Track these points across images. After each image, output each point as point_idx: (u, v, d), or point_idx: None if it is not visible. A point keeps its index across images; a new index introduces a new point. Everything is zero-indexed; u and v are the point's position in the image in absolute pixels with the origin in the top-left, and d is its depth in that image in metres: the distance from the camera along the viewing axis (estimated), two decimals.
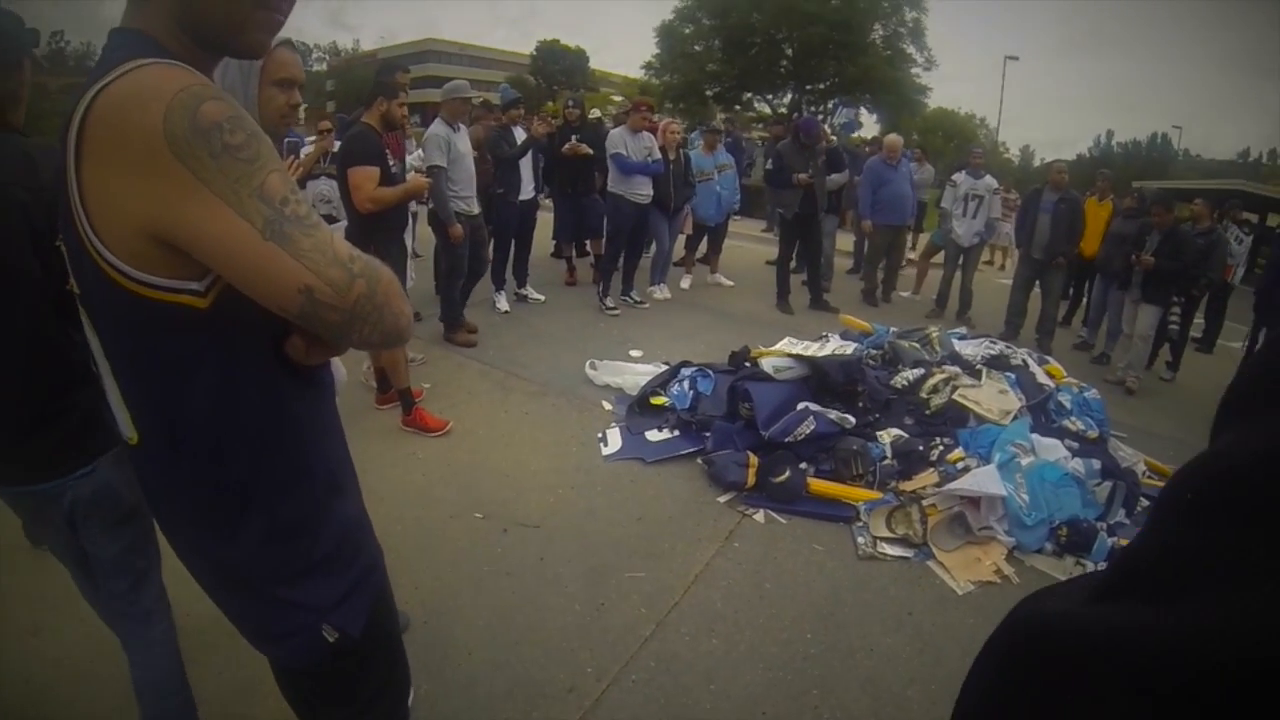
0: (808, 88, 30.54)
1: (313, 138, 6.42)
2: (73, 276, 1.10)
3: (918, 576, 3.66)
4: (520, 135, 6.89)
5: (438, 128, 5.62)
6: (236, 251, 0.97)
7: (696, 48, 31.52)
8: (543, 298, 7.76)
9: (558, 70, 57.02)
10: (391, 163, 4.38)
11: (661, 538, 3.73)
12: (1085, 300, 9.30)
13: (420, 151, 5.85)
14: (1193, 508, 0.49)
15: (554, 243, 9.18)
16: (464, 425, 4.77)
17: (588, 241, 8.67)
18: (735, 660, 2.94)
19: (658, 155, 7.36)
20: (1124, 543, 3.92)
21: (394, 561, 3.16)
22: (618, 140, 7.21)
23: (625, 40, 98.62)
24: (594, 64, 61.87)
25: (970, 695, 0.66)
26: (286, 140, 6.27)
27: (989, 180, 8.81)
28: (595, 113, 10.17)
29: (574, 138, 7.60)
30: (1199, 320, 8.83)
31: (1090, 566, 3.77)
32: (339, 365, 2.95)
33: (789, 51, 30.41)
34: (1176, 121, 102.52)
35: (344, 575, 1.36)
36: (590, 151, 7.59)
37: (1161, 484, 4.88)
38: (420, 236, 6.59)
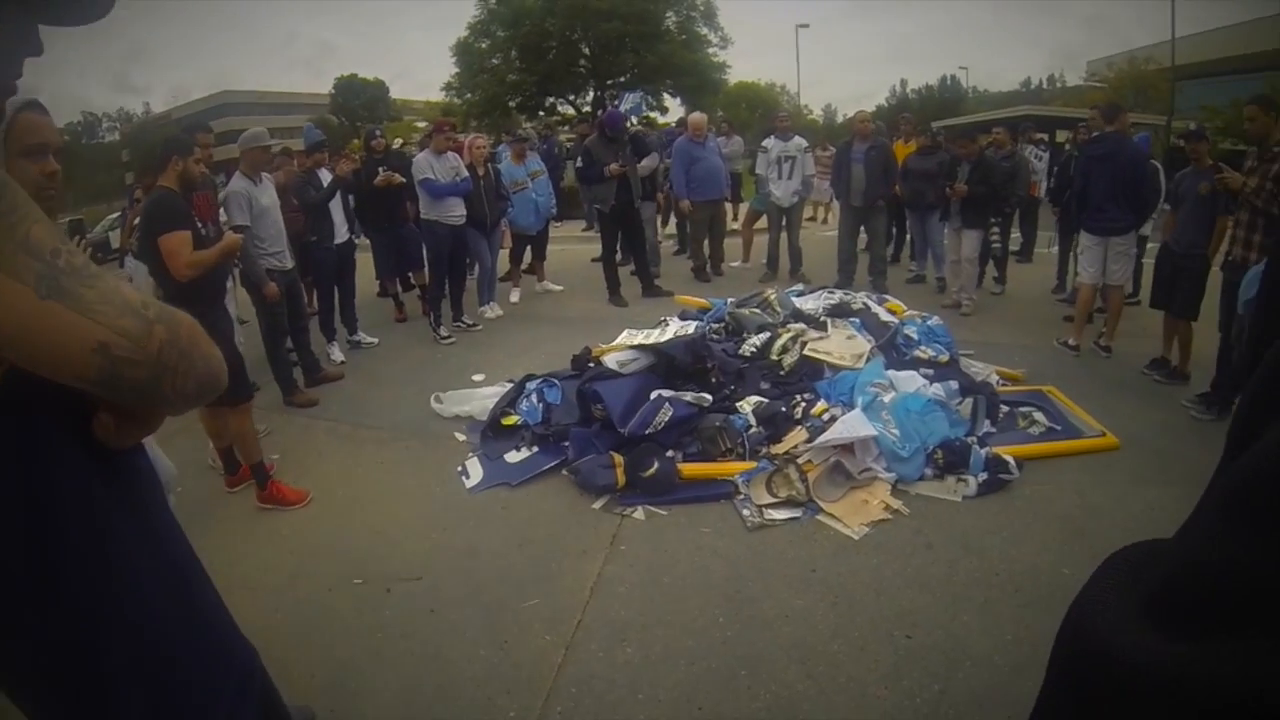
0: (609, 83, 30.70)
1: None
2: None
3: (812, 533, 3.68)
4: (327, 178, 6.59)
5: (237, 183, 5.31)
6: (13, 318, 0.83)
7: (495, 61, 31.08)
8: (376, 340, 7.41)
9: (359, 105, 55.63)
10: (201, 225, 4.06)
11: (547, 559, 3.58)
12: (909, 236, 9.78)
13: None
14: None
15: (377, 282, 8.84)
16: (322, 489, 4.43)
17: (410, 274, 8.34)
18: (655, 663, 2.85)
19: (465, 174, 7.19)
20: (997, 451, 4.17)
21: (282, 653, 2.89)
22: (424, 165, 7.01)
23: (423, 65, 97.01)
24: (395, 93, 60.69)
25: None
26: None
27: (798, 140, 9.11)
28: (398, 142, 9.87)
29: (381, 170, 7.32)
30: (1015, 235, 9.53)
31: (971, 480, 3.98)
32: (164, 461, 2.65)
33: (586, 50, 30.46)
34: (963, 63, 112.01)
35: (219, 693, 1.21)
36: (404, 180, 7.32)
37: (1014, 389, 5.27)
38: (240, 301, 6.19)
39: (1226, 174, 4.86)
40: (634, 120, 14.32)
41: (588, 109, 30.37)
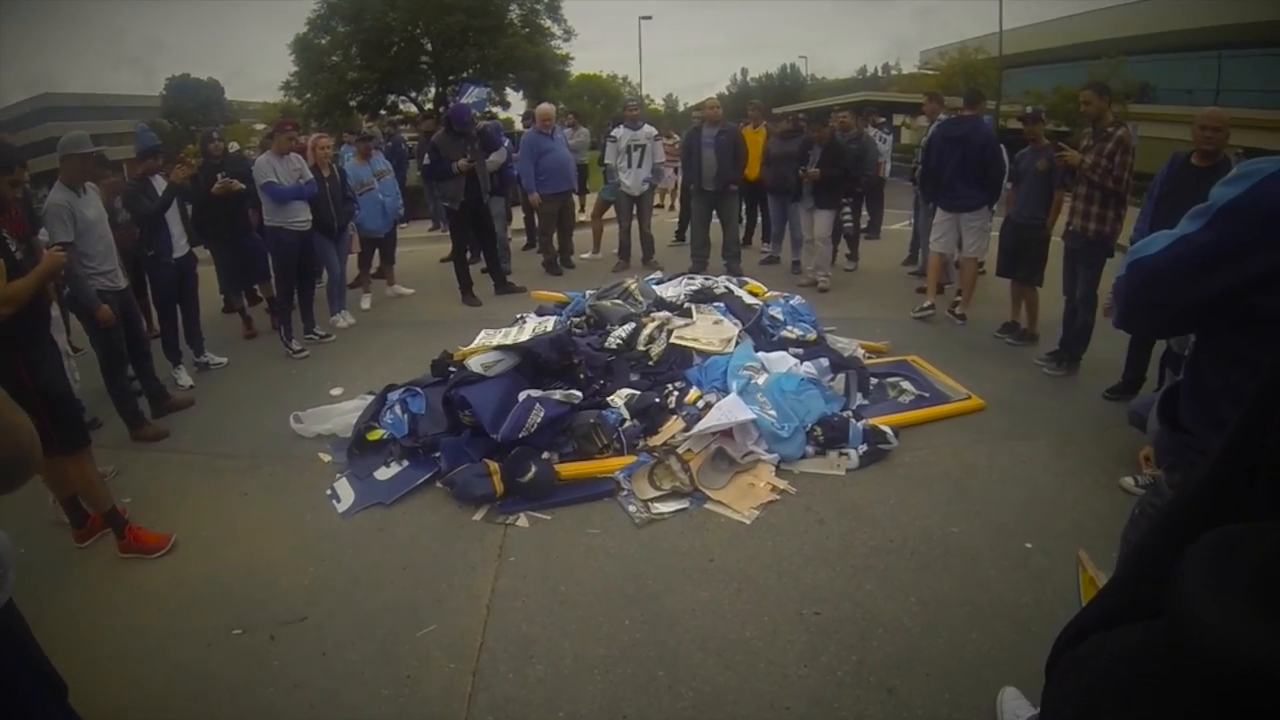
0: (450, 79, 29.94)
1: None
2: None
3: (702, 522, 3.68)
4: (162, 185, 6.06)
5: (58, 195, 4.77)
6: None
7: (335, 58, 29.61)
8: (225, 360, 6.91)
9: (193, 107, 52.56)
10: (13, 246, 3.57)
11: (435, 579, 3.40)
12: (759, 218, 10.01)
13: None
14: None
15: (222, 297, 8.29)
16: (185, 531, 4.02)
17: (257, 287, 7.89)
18: (568, 677, 2.76)
19: (309, 175, 6.82)
20: (873, 422, 4.32)
21: None
22: (266, 168, 6.58)
23: (260, 64, 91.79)
24: (230, 94, 57.71)
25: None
26: None
27: (648, 129, 9.15)
28: (234, 146, 9.29)
29: (220, 175, 6.83)
30: (864, 213, 9.92)
31: (853, 453, 4.11)
32: None
33: (429, 46, 29.64)
34: (802, 53, 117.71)
35: None
36: (244, 186, 6.85)
37: (880, 360, 5.50)
38: (72, 329, 5.64)
39: (1066, 152, 5.22)
40: (478, 114, 14.10)
41: (430, 106, 29.71)
